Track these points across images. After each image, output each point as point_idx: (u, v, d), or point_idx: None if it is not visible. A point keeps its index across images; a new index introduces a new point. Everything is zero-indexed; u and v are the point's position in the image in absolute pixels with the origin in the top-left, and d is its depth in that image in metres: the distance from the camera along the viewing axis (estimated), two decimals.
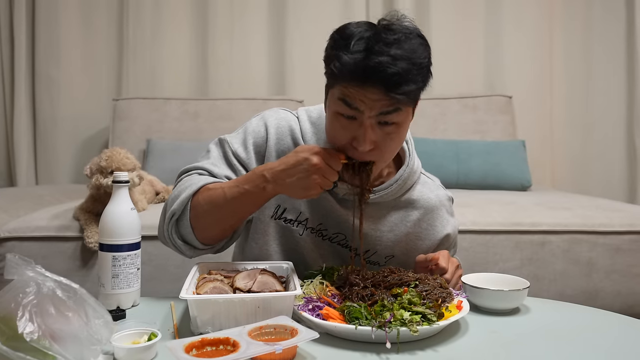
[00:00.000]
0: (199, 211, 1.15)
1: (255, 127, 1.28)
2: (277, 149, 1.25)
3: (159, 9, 3.37)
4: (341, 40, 1.06)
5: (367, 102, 1.04)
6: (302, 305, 1.02)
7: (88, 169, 1.95)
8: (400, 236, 1.29)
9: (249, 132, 1.27)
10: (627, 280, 2.06)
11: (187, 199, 1.15)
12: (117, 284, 1.13)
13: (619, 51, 3.40)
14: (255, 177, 1.10)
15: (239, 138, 1.27)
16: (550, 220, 2.09)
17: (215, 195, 1.13)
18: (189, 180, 1.19)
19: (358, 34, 1.04)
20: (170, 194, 1.21)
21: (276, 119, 1.28)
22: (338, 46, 1.06)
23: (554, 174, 3.50)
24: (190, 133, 3.06)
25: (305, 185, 1.06)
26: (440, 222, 1.32)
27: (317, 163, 1.04)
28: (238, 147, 1.26)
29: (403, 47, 1.03)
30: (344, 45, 1.04)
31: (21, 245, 2.01)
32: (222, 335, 0.86)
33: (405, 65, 1.02)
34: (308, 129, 1.27)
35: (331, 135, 1.13)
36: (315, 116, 1.29)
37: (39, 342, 0.78)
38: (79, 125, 3.39)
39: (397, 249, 1.30)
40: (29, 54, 3.34)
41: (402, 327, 0.92)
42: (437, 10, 3.38)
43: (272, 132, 1.26)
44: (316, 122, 1.28)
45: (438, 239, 1.32)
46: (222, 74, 3.39)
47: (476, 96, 3.20)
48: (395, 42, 1.02)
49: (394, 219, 1.28)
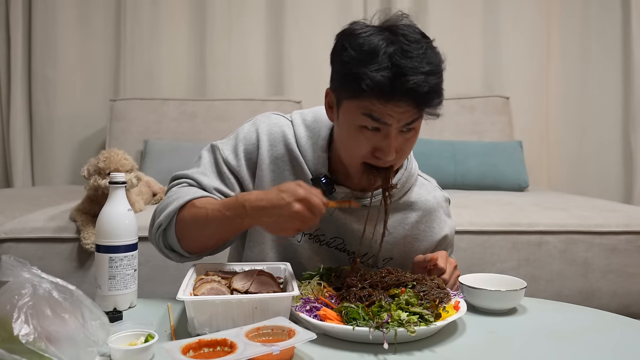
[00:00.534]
0: (184, 226, 1.16)
1: (246, 134, 1.27)
2: (270, 155, 1.25)
3: (156, 9, 3.36)
4: (364, 55, 1.03)
5: (396, 115, 1.04)
6: (300, 306, 1.02)
7: (85, 170, 1.95)
8: (398, 238, 1.29)
9: (240, 139, 1.26)
10: (623, 280, 2.07)
11: (173, 213, 1.16)
12: (114, 286, 1.12)
13: (616, 52, 3.41)
14: (237, 206, 1.08)
15: (230, 145, 1.27)
16: (547, 220, 2.09)
17: (199, 214, 1.13)
18: (178, 192, 1.20)
19: (381, 48, 1.02)
20: (160, 203, 1.22)
21: (268, 125, 1.27)
22: (362, 62, 1.03)
23: (550, 174, 3.50)
24: (188, 134, 3.05)
25: (282, 228, 1.05)
26: (438, 223, 1.32)
27: (298, 211, 1.01)
28: (229, 154, 1.25)
29: (430, 61, 1.04)
30: (369, 61, 1.02)
31: (17, 246, 2.00)
32: (219, 337, 0.86)
33: (434, 80, 1.03)
34: (302, 133, 1.26)
35: (352, 148, 1.12)
36: (310, 119, 1.28)
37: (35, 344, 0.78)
38: (76, 125, 3.39)
39: (396, 251, 1.30)
40: (25, 54, 3.33)
41: (400, 327, 0.92)
42: (434, 11, 3.38)
43: (264, 138, 1.25)
44: (311, 125, 1.26)
45: (436, 240, 1.32)
46: (220, 75, 3.39)
47: (473, 97, 3.21)
48: (422, 56, 1.02)
49: (392, 222, 1.27)
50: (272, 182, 1.24)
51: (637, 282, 2.07)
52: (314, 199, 1.02)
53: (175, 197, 1.18)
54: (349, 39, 1.07)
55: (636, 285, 2.07)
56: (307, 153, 1.24)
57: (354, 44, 1.05)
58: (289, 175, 1.25)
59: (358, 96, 1.05)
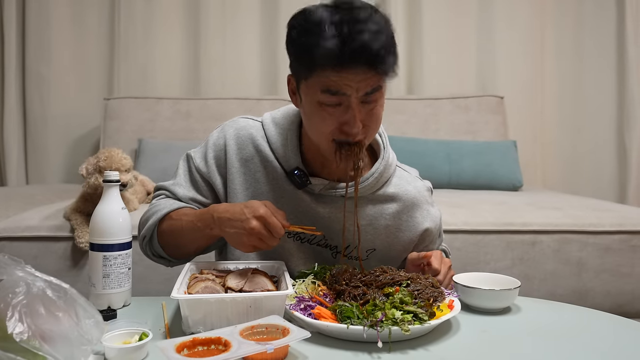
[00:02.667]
0: (164, 237, 1.24)
1: (215, 140, 1.30)
2: (240, 159, 1.27)
3: (150, 8, 3.35)
4: (311, 28, 1.04)
5: (353, 84, 1.04)
6: (294, 305, 1.02)
7: (84, 169, 1.94)
8: (379, 229, 1.28)
9: (209, 146, 1.30)
10: (616, 280, 2.08)
11: (154, 226, 1.23)
12: (108, 284, 1.12)
13: (610, 51, 3.42)
14: (207, 216, 1.14)
15: (200, 152, 1.31)
16: (541, 220, 2.10)
17: (174, 225, 1.20)
18: (157, 205, 1.26)
19: (327, 18, 1.02)
20: (143, 214, 1.29)
21: (235, 129, 1.30)
22: (310, 36, 1.04)
23: (544, 174, 3.52)
24: (181, 133, 3.05)
25: (238, 242, 1.09)
26: (420, 213, 1.31)
27: (253, 227, 1.05)
28: (200, 161, 1.29)
29: (377, 22, 1.03)
30: (316, 33, 1.02)
31: (11, 245, 1.99)
32: (213, 335, 0.86)
33: (384, 38, 1.02)
34: (272, 131, 1.28)
35: (316, 127, 1.13)
36: (279, 117, 1.31)
37: (29, 342, 0.77)
38: (70, 124, 3.37)
39: (378, 242, 1.29)
40: (19, 52, 3.31)
41: (394, 326, 0.92)
42: (428, 10, 3.38)
43: (231, 143, 1.28)
44: (280, 122, 1.29)
45: (420, 230, 1.31)
46: (214, 74, 3.38)
47: (468, 97, 3.21)
48: (367, 19, 1.02)
49: (372, 212, 1.27)
50: (244, 184, 1.27)
51: (630, 281, 2.08)
52: (272, 218, 1.06)
53: (155, 210, 1.25)
54: (296, 19, 1.10)
55: (629, 284, 2.08)
56: (279, 150, 1.25)
57: (300, 21, 1.08)
58: (261, 176, 1.27)
59: (312, 71, 1.05)
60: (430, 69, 3.39)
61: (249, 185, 1.26)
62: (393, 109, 3.13)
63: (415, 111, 3.15)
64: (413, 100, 3.19)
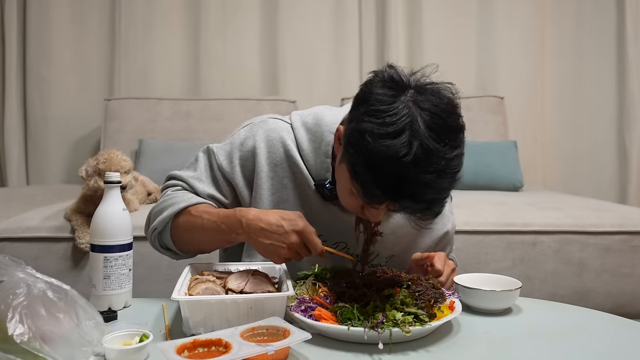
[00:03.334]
0: (179, 231, 1.19)
1: (243, 140, 1.24)
2: (269, 163, 1.22)
3: (151, 8, 3.36)
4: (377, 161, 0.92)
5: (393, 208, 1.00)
6: (295, 306, 1.02)
7: (83, 171, 1.94)
8: (402, 237, 1.27)
9: (235, 145, 1.24)
10: (617, 280, 2.07)
11: (168, 219, 1.18)
12: (108, 285, 1.12)
13: (610, 51, 3.42)
14: (233, 220, 1.10)
15: (225, 150, 1.25)
16: (541, 220, 2.10)
17: (194, 222, 1.15)
18: (173, 197, 1.20)
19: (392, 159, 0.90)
20: (156, 204, 1.23)
21: (265, 131, 1.24)
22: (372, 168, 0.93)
23: (545, 174, 3.52)
24: (182, 133, 3.05)
25: (272, 252, 1.06)
26: (440, 219, 1.29)
27: (293, 242, 1.03)
28: (223, 160, 1.23)
29: (438, 187, 0.94)
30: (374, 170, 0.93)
31: (12, 245, 1.99)
32: (214, 337, 0.86)
33: (435, 206, 0.98)
34: (304, 137, 1.22)
35: (343, 199, 1.10)
36: (311, 122, 1.23)
37: (29, 344, 0.77)
38: (71, 125, 3.38)
39: (398, 248, 1.28)
40: (19, 52, 3.32)
41: (395, 327, 0.92)
42: (429, 11, 3.38)
43: (261, 145, 1.22)
44: (312, 128, 1.22)
45: (438, 236, 1.30)
46: (214, 74, 3.38)
47: (468, 97, 3.21)
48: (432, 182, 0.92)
49: (397, 221, 1.25)
50: (271, 189, 1.22)
51: (631, 282, 2.08)
52: (311, 235, 1.04)
53: (171, 202, 1.19)
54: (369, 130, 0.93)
55: (630, 285, 2.08)
56: (309, 158, 1.21)
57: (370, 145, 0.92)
58: (288, 182, 1.23)
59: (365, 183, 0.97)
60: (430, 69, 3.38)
61: (276, 190, 1.22)
62: None
63: None
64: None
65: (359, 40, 3.42)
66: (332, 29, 3.40)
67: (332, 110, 1.26)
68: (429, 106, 0.95)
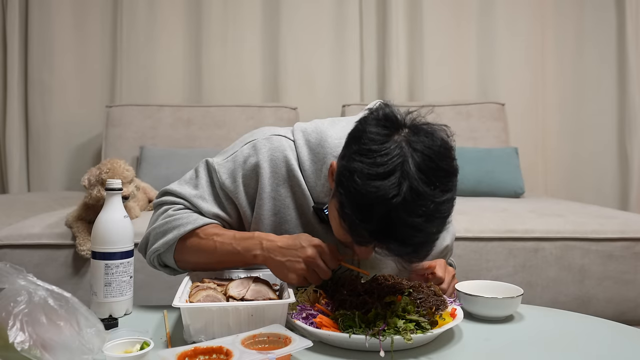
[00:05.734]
0: (185, 252, 1.17)
1: (246, 158, 1.20)
2: (272, 182, 1.19)
3: (152, 16, 3.37)
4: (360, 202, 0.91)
5: None
6: (296, 314, 1.02)
7: (86, 180, 1.94)
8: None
9: (238, 163, 1.20)
10: (619, 287, 2.07)
11: (174, 241, 1.16)
12: (109, 292, 1.12)
13: (611, 58, 3.42)
14: (252, 242, 1.10)
15: (227, 168, 1.21)
16: (543, 227, 2.10)
17: (204, 244, 1.15)
18: (178, 218, 1.17)
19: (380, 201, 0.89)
20: (157, 225, 1.19)
21: (269, 150, 1.20)
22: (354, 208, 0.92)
23: (546, 180, 3.51)
24: (183, 140, 3.05)
25: (290, 268, 1.06)
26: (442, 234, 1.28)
27: (310, 255, 1.04)
28: (226, 178, 1.20)
29: (426, 230, 0.92)
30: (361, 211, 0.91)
31: (13, 252, 1.99)
32: (215, 344, 0.85)
33: (422, 250, 0.96)
34: (306, 156, 1.19)
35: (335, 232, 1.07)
36: (314, 141, 1.20)
37: (30, 351, 0.77)
38: (72, 131, 3.38)
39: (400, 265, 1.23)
40: (21, 59, 3.33)
41: (396, 335, 0.92)
42: (429, 18, 3.39)
43: (265, 166, 1.19)
44: (315, 149, 1.19)
45: (438, 252, 1.28)
46: (215, 81, 3.39)
47: (469, 103, 3.22)
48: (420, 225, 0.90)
49: None
50: (272, 209, 1.20)
51: (633, 288, 2.07)
52: (327, 248, 1.05)
53: (176, 223, 1.17)
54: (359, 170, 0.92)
55: (632, 292, 2.07)
56: (310, 179, 1.18)
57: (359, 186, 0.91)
58: (290, 202, 1.20)
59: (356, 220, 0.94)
60: (431, 76, 3.40)
61: (277, 211, 1.19)
62: None
63: None
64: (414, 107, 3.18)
65: (359, 47, 3.42)
66: (333, 36, 3.41)
67: (336, 126, 1.22)
68: (422, 147, 0.93)
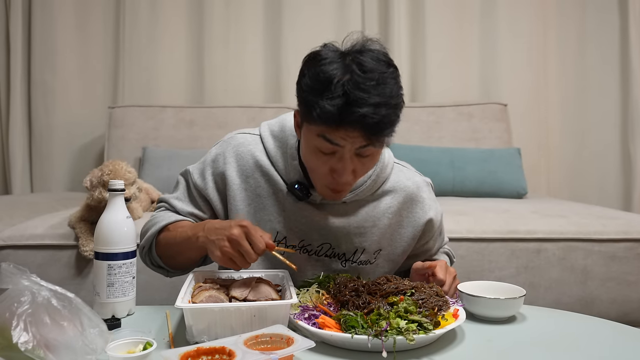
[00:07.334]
0: (161, 248, 1.27)
1: (214, 157, 1.31)
2: (240, 175, 1.28)
3: (155, 17, 3.38)
4: (317, 84, 1.06)
5: (348, 139, 1.06)
6: (298, 314, 1.02)
7: (88, 182, 1.94)
8: (384, 228, 1.29)
9: (207, 163, 1.32)
10: (622, 288, 2.07)
11: (152, 237, 1.27)
12: (112, 293, 1.12)
13: (613, 58, 3.42)
14: (199, 226, 1.15)
15: (198, 169, 1.33)
16: (545, 227, 2.09)
17: (170, 237, 1.24)
18: (157, 217, 1.30)
19: (334, 77, 1.04)
20: (145, 225, 1.32)
21: (234, 146, 1.31)
22: (315, 91, 1.06)
23: (549, 181, 3.51)
24: (186, 141, 3.05)
25: (216, 245, 1.07)
26: (420, 207, 1.32)
27: (233, 234, 1.04)
28: (197, 177, 1.31)
29: (381, 92, 1.04)
30: (321, 90, 1.05)
31: (16, 253, 2.00)
32: (217, 345, 0.86)
33: (384, 111, 1.04)
34: (271, 144, 1.29)
35: (312, 168, 1.17)
36: (277, 129, 1.31)
37: (34, 351, 0.78)
38: (75, 132, 3.39)
39: (384, 241, 1.31)
40: (24, 61, 3.34)
41: (399, 335, 0.92)
42: (432, 19, 3.39)
43: (230, 160, 1.29)
44: (278, 135, 1.30)
45: (421, 224, 1.32)
46: (218, 82, 3.40)
47: (471, 104, 3.22)
48: (373, 88, 1.03)
49: (375, 213, 1.29)
50: (246, 200, 1.28)
51: (636, 289, 2.07)
52: (254, 230, 1.06)
53: (155, 221, 1.29)
54: (309, 66, 1.10)
55: (635, 292, 2.07)
56: (278, 163, 1.27)
57: (311, 72, 1.08)
58: (262, 191, 1.28)
59: (312, 122, 1.08)
60: (433, 77, 3.40)
61: (251, 201, 1.28)
62: None
63: (418, 119, 3.15)
64: (416, 107, 3.19)
65: None
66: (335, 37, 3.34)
67: None
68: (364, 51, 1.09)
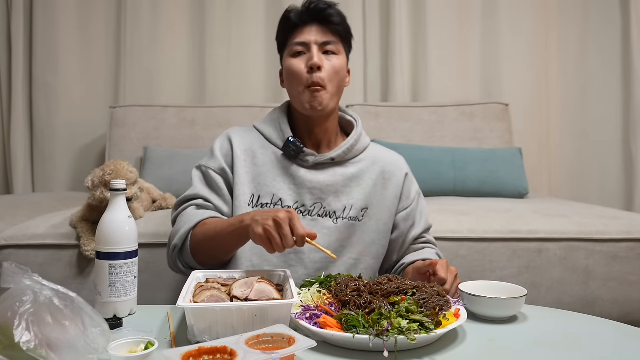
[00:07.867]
0: (196, 241, 1.34)
1: (221, 142, 1.50)
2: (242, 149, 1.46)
3: (156, 17, 3.38)
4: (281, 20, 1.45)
5: (312, 36, 1.39)
6: (300, 314, 1.02)
7: (90, 182, 1.94)
8: (368, 188, 1.46)
9: (216, 148, 1.49)
10: (624, 288, 2.06)
11: (186, 234, 1.35)
12: (114, 293, 1.12)
13: (615, 59, 3.41)
14: (244, 214, 1.24)
15: (207, 156, 1.50)
16: (547, 227, 2.09)
17: (208, 228, 1.32)
18: (188, 216, 1.39)
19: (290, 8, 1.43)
20: (173, 229, 1.41)
21: (234, 130, 1.52)
22: (280, 25, 1.45)
23: (551, 181, 3.50)
24: (187, 141, 3.05)
25: (260, 224, 1.14)
26: (399, 169, 1.52)
27: (280, 216, 1.12)
28: (208, 161, 1.48)
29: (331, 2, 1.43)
30: (285, 14, 1.43)
31: (18, 253, 2.00)
32: (219, 344, 0.86)
33: (334, 8, 1.42)
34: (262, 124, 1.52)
35: (292, 78, 1.41)
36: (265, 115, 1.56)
37: (36, 351, 0.78)
38: (76, 132, 3.39)
39: (370, 200, 1.46)
40: (26, 61, 3.34)
41: (400, 335, 0.92)
42: (433, 18, 3.39)
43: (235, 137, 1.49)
44: (267, 117, 1.54)
45: (401, 181, 1.51)
46: (219, 82, 3.40)
47: (473, 104, 3.21)
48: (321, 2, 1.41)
49: (355, 171, 1.47)
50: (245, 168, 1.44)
51: (638, 289, 2.06)
52: (297, 219, 1.14)
53: (186, 219, 1.37)
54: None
55: (637, 292, 2.06)
56: (272, 135, 1.48)
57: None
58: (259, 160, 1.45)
59: (287, 41, 1.43)
60: (435, 76, 3.39)
61: (249, 169, 1.44)
62: (398, 116, 3.13)
63: (420, 118, 3.15)
64: (418, 107, 3.19)
65: (363, 48, 3.43)
66: None
67: None
68: None
